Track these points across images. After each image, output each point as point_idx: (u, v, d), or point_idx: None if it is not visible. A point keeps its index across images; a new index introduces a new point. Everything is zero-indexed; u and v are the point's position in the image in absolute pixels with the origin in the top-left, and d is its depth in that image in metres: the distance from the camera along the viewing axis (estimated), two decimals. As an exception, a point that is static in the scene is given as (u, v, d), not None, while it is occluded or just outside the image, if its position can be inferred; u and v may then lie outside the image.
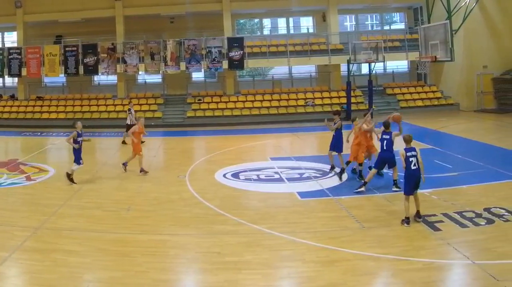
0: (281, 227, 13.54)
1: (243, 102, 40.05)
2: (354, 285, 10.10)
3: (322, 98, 40.34)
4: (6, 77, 41.91)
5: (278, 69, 44.86)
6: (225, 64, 38.95)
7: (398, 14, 47.61)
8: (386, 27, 46.81)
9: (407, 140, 13.53)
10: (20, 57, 39.75)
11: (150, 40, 39.58)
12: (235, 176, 19.99)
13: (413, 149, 13.24)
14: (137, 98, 39.62)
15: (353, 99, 38.43)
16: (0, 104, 41.70)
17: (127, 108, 30.87)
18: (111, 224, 14.27)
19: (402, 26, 46.19)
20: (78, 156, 18.81)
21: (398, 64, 45.17)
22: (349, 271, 10.72)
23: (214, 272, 10.89)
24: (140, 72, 40.20)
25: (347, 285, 10.07)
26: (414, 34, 39.61)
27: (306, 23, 47.02)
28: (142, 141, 27.27)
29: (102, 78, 43.93)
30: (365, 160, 19.17)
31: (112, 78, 42.82)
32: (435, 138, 26.84)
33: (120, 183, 19.36)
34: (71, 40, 40.43)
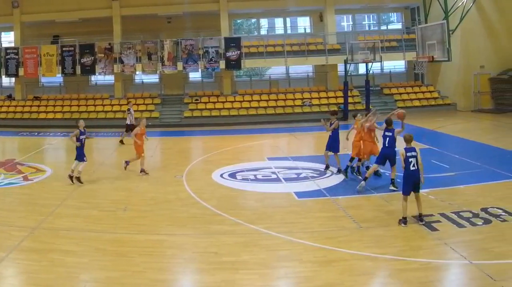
0: (278, 227, 13.54)
1: (240, 102, 40.02)
2: (351, 285, 10.10)
3: (319, 98, 40.33)
4: (3, 77, 41.79)
5: (275, 69, 44.87)
6: (222, 64, 38.92)
7: (395, 14, 47.65)
8: (383, 27, 46.91)
9: (408, 140, 13.52)
10: (17, 57, 39.68)
11: (147, 40, 39.52)
12: (232, 176, 19.98)
13: (413, 149, 13.23)
14: (134, 98, 39.50)
15: (350, 100, 38.45)
16: (-3, 104, 41.60)
17: (127, 108, 30.84)
18: (108, 224, 14.26)
19: (399, 26, 46.24)
20: (81, 153, 18.80)
21: (395, 64, 45.21)
22: (346, 271, 10.72)
23: (211, 272, 10.89)
24: (137, 72, 40.15)
25: (344, 285, 10.08)
26: (411, 34, 39.62)
27: (303, 23, 46.93)
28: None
29: (99, 78, 43.80)
30: (365, 161, 19.24)
31: (109, 78, 42.70)
32: (432, 138, 26.84)
33: (117, 183, 19.34)
34: (68, 40, 40.34)
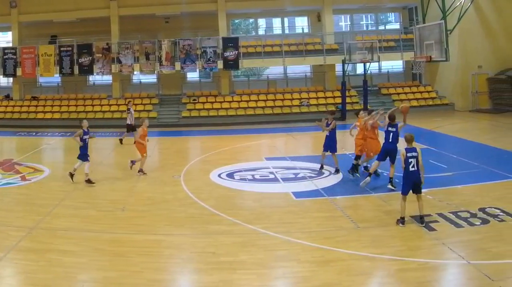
0: (276, 227, 13.54)
1: (238, 102, 40.04)
2: (349, 285, 10.10)
3: (317, 98, 40.37)
4: (1, 77, 41.61)
5: (273, 69, 44.84)
6: (220, 64, 38.91)
7: (393, 14, 47.64)
8: (381, 27, 46.92)
9: (409, 140, 13.47)
10: (15, 57, 39.66)
11: (145, 40, 39.54)
12: (230, 176, 19.97)
13: (413, 150, 13.18)
14: (132, 98, 39.34)
15: (348, 99, 38.53)
16: (-5, 104, 41.58)
17: (126, 108, 30.83)
18: (106, 224, 14.25)
19: (397, 26, 46.26)
20: (85, 153, 18.77)
21: (393, 64, 45.24)
22: (344, 271, 10.72)
23: (209, 272, 10.88)
24: (135, 72, 40.12)
25: (342, 285, 10.07)
26: (409, 34, 39.70)
27: (301, 23, 46.98)
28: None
29: (97, 78, 43.83)
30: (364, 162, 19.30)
31: (107, 78, 42.71)
32: (430, 138, 26.85)
33: (115, 183, 19.31)
34: (66, 40, 40.34)
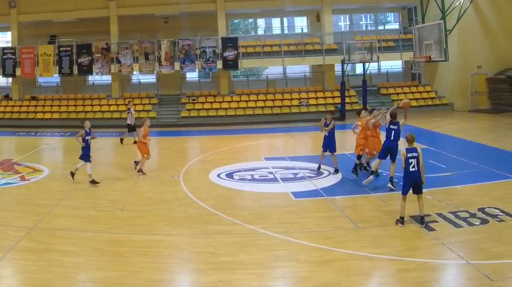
0: (275, 227, 13.54)
1: (237, 102, 40.04)
2: (348, 285, 10.10)
3: (316, 98, 40.37)
4: (0, 77, 41.56)
5: (272, 69, 44.80)
6: (219, 64, 38.92)
7: (392, 14, 47.66)
8: (380, 27, 46.89)
9: (409, 140, 13.43)
10: (14, 57, 39.66)
11: (144, 40, 39.54)
12: (229, 176, 19.97)
13: (414, 150, 13.15)
14: (131, 98, 39.36)
15: (347, 99, 38.50)
16: (-6, 104, 41.57)
17: (127, 108, 30.83)
18: (105, 224, 14.24)
19: (396, 26, 46.27)
20: (87, 153, 18.77)
21: (393, 64, 45.24)
22: (343, 271, 10.72)
23: (208, 272, 10.88)
24: (134, 72, 40.13)
25: (341, 285, 10.07)
26: (408, 34, 39.67)
27: (300, 23, 46.98)
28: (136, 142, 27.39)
29: (96, 78, 43.85)
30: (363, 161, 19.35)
31: (106, 78, 42.74)
32: (429, 138, 26.82)
33: (114, 183, 19.29)
34: (65, 40, 40.35)
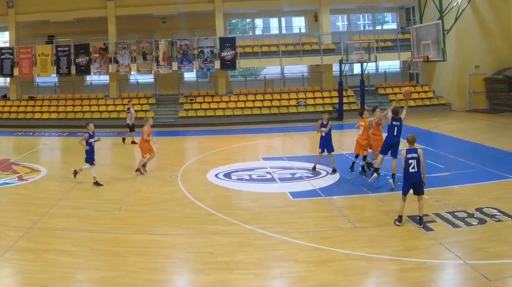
0: (273, 227, 13.54)
1: (235, 102, 40.05)
2: (346, 285, 10.10)
3: (314, 98, 40.38)
4: (-2, 77, 41.72)
5: (270, 69, 44.88)
6: (217, 64, 38.94)
7: (390, 14, 47.65)
8: (378, 27, 46.89)
9: (410, 141, 13.43)
10: (12, 57, 39.62)
11: (142, 40, 39.52)
12: (227, 176, 19.98)
13: (414, 151, 13.14)
14: (129, 98, 39.33)
15: (345, 99, 38.55)
16: (-8, 104, 41.52)
17: (127, 107, 30.82)
18: (103, 224, 14.23)
19: (394, 26, 46.27)
20: (91, 156, 18.72)
21: (390, 64, 45.29)
22: (341, 271, 10.72)
23: (206, 272, 10.88)
24: (132, 72, 40.17)
25: (339, 285, 10.08)
26: (406, 34, 39.65)
27: (298, 23, 46.99)
28: (135, 142, 27.41)
29: (94, 78, 43.82)
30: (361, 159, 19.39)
31: (104, 78, 42.80)
32: (427, 138, 26.79)
33: (112, 183, 19.27)
34: (63, 40, 40.28)
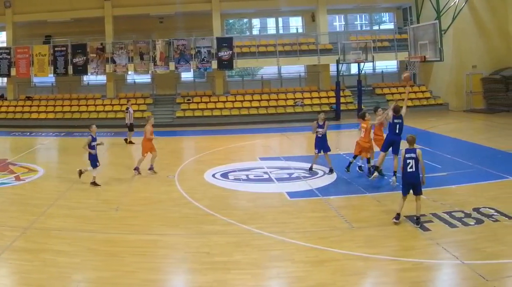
0: (270, 227, 13.55)
1: (232, 102, 40.04)
2: (343, 285, 10.11)
3: (311, 98, 40.38)
4: (-5, 77, 41.66)
5: (267, 69, 44.83)
6: (214, 64, 38.92)
7: (387, 14, 47.67)
8: (375, 27, 46.96)
9: (410, 141, 13.48)
10: (9, 57, 39.54)
11: (139, 40, 39.48)
12: (224, 176, 19.98)
13: (413, 151, 13.19)
14: (126, 98, 39.37)
15: (342, 99, 38.63)
16: (-11, 104, 41.46)
17: (126, 107, 30.79)
18: (100, 224, 14.23)
19: (391, 26, 46.32)
20: (94, 159, 18.64)
21: (387, 64, 45.29)
22: (338, 271, 10.73)
23: (203, 272, 10.89)
24: (129, 72, 40.13)
25: (336, 285, 10.08)
26: (403, 34, 39.79)
27: (295, 23, 46.95)
28: (133, 142, 27.41)
29: (91, 78, 43.75)
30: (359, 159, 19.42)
31: (101, 78, 42.72)
32: (424, 138, 26.77)
33: (109, 183, 19.26)
34: (60, 40, 40.26)
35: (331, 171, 19.30)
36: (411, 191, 13.21)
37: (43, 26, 42.09)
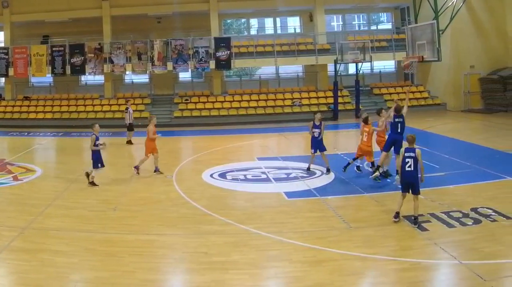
0: (268, 227, 13.54)
1: (230, 102, 40.03)
2: (341, 285, 10.10)
3: (309, 98, 40.38)
4: (-7, 77, 41.61)
5: (265, 69, 44.82)
6: (212, 64, 38.90)
7: (385, 14, 47.72)
8: (373, 27, 46.94)
9: (410, 140, 13.51)
10: (7, 57, 39.48)
11: (137, 40, 39.47)
12: (222, 176, 19.97)
13: (412, 150, 13.22)
14: (124, 98, 39.39)
15: (340, 100, 38.55)
16: (-13, 104, 41.40)
17: (125, 107, 30.76)
18: (98, 224, 14.21)
19: (389, 26, 46.29)
20: (97, 159, 18.62)
21: (385, 64, 45.29)
22: (336, 271, 10.73)
23: (201, 272, 10.88)
24: (127, 72, 40.11)
25: (334, 285, 10.08)
26: (401, 34, 39.72)
27: (293, 23, 47.03)
28: (132, 143, 27.38)
29: (89, 78, 43.79)
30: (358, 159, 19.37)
31: (99, 78, 42.70)
32: (422, 138, 26.71)
33: (107, 183, 19.23)
34: (58, 40, 40.25)
35: (328, 170, 19.29)
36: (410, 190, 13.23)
37: (41, 26, 42.06)
